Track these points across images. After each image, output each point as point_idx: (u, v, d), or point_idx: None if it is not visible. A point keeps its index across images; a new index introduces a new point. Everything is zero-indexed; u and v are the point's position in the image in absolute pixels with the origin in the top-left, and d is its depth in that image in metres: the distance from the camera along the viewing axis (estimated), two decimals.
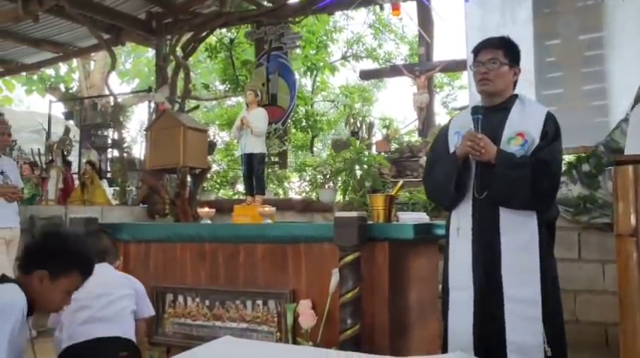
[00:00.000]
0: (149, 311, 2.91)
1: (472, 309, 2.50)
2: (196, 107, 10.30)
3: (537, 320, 2.37)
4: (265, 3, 8.37)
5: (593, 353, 4.25)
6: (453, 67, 8.35)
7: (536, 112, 2.53)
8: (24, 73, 11.93)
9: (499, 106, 2.59)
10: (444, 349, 2.59)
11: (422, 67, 7.94)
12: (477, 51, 2.62)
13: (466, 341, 2.48)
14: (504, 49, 2.57)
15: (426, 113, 7.85)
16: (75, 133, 9.66)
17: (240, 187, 9.86)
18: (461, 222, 2.58)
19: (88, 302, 2.53)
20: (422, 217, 3.52)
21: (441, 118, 12.12)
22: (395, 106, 30.47)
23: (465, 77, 6.95)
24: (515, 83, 2.65)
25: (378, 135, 8.47)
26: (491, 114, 2.58)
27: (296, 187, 10.52)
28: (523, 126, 2.48)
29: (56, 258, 1.99)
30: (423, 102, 7.81)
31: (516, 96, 2.63)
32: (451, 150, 2.64)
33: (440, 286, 2.85)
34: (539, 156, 2.42)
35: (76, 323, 2.52)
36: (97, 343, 2.45)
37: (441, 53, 18.68)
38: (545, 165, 2.40)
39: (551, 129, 2.47)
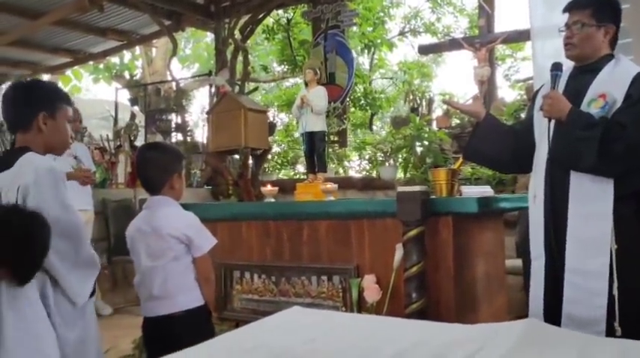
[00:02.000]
0: (201, 248, 2.51)
1: (543, 279, 2.44)
2: (255, 89, 10.43)
3: (600, 295, 2.24)
4: None
5: None
6: (516, 38, 8.10)
7: (625, 73, 2.35)
8: (91, 62, 12.35)
9: (589, 67, 2.45)
10: None
11: (482, 40, 7.75)
12: (566, 12, 2.48)
13: (539, 311, 2.44)
14: (592, 7, 2.41)
15: (487, 87, 7.67)
16: (140, 119, 9.96)
17: (301, 167, 9.97)
18: (536, 189, 2.50)
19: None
20: (486, 191, 3.47)
21: (503, 92, 11.84)
22: (454, 81, 29.86)
23: (529, 48, 6.71)
24: (612, 42, 2.47)
25: (438, 111, 8.37)
26: (580, 74, 2.46)
27: (356, 166, 10.54)
28: (607, 88, 2.33)
29: (46, 96, 2.09)
30: (484, 76, 7.63)
31: (612, 56, 2.46)
32: (535, 114, 2.57)
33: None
34: (616, 118, 2.27)
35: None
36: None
37: (503, 24, 18.12)
38: (621, 128, 2.23)
39: (636, 91, 2.27)
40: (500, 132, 2.72)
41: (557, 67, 2.42)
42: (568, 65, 2.54)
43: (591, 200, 2.30)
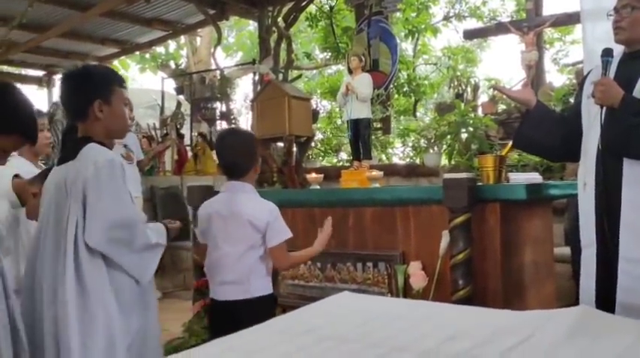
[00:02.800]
0: (277, 239, 2.51)
1: (594, 268, 2.40)
2: (299, 76, 10.45)
3: None
4: None
5: None
6: (565, 21, 7.88)
7: None
8: (137, 53, 12.60)
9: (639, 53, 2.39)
10: None
11: (530, 23, 7.56)
12: None
13: (589, 293, 2.40)
14: None
15: (535, 71, 7.50)
16: (186, 107, 10.12)
17: (344, 155, 9.97)
18: (587, 176, 2.46)
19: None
20: (534, 177, 3.41)
21: (551, 76, 11.55)
22: (500, 66, 29.23)
23: (578, 31, 6.53)
24: None
25: (483, 97, 8.23)
26: (630, 60, 2.39)
27: (399, 153, 10.49)
28: None
29: (99, 83, 2.10)
30: (531, 60, 7.46)
31: None
32: (583, 100, 2.52)
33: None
34: None
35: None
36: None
37: (551, 6, 17.62)
38: None
39: None
40: (550, 120, 2.67)
41: (607, 53, 2.37)
42: (618, 50, 2.47)
43: None
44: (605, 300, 2.33)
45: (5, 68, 10.95)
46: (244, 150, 2.55)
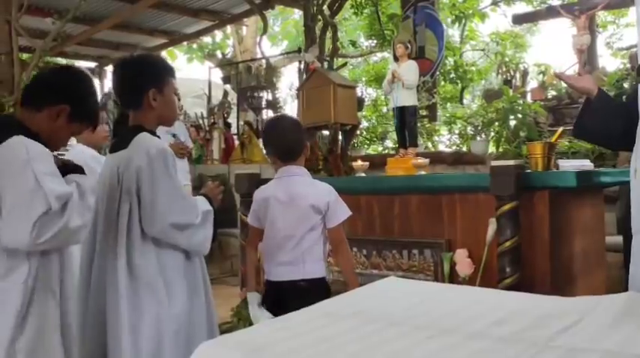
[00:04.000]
0: (337, 219, 2.54)
1: None
2: (344, 64, 10.45)
3: None
4: None
5: None
6: (619, 3, 7.62)
7: None
8: (185, 43, 12.81)
9: None
10: None
11: (582, 6, 7.33)
12: None
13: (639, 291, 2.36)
14: None
15: (587, 56, 7.29)
16: (232, 96, 10.25)
17: (389, 143, 9.93)
18: (638, 162, 2.41)
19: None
20: (585, 164, 3.35)
21: (604, 60, 11.20)
22: (550, 52, 28.45)
23: (633, 13, 6.31)
24: None
25: (532, 83, 8.05)
26: None
27: (445, 140, 10.37)
28: None
29: (153, 72, 2.18)
30: (583, 44, 7.24)
31: None
32: None
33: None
34: None
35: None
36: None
37: None
38: None
39: None
40: (611, 109, 2.58)
41: None
42: None
43: None
44: None
45: (59, 60, 11.30)
46: (295, 133, 2.59)
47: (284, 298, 2.47)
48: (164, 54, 13.59)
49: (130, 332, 1.94)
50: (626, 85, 6.28)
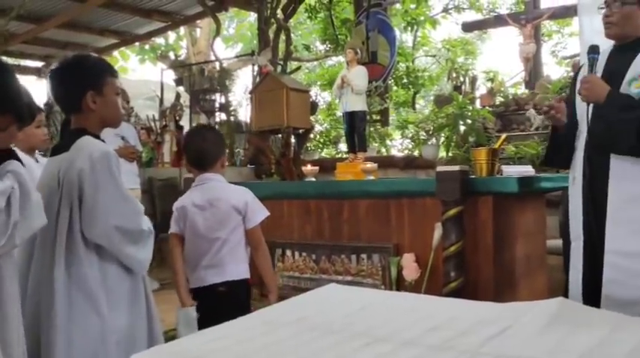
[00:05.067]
0: (255, 219, 2.62)
1: (582, 261, 2.44)
2: (298, 68, 10.45)
3: None
4: None
5: None
6: (563, 13, 7.89)
7: None
8: (137, 44, 12.58)
9: (628, 46, 2.40)
10: None
11: (528, 15, 7.57)
12: None
13: (578, 295, 2.44)
14: None
15: (532, 64, 7.51)
16: (185, 99, 10.11)
17: (343, 146, 9.97)
18: (575, 171, 2.50)
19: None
20: (527, 170, 3.44)
21: (549, 68, 11.54)
22: (500, 58, 29.15)
23: (577, 23, 6.54)
24: None
25: (481, 89, 8.23)
26: (619, 54, 2.42)
27: (398, 145, 10.49)
28: None
29: (90, 74, 2.08)
30: (529, 53, 7.48)
31: None
32: (576, 96, 2.54)
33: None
34: None
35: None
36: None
37: None
38: None
39: None
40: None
41: (594, 50, 2.40)
42: (609, 44, 2.49)
43: (632, 181, 2.28)
44: (593, 293, 2.36)
45: (4, 59, 10.92)
46: (209, 143, 2.66)
47: (210, 303, 2.52)
48: (115, 54, 13.33)
49: (65, 346, 1.88)
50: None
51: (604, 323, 1.15)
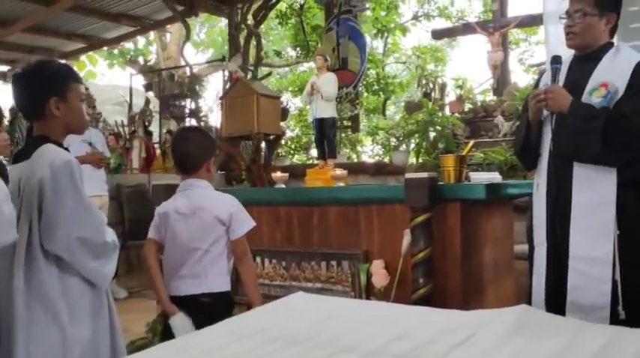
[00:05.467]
0: (241, 230, 2.54)
1: (545, 266, 2.48)
2: (269, 74, 10.44)
3: (604, 282, 2.28)
4: None
5: None
6: (529, 22, 8.03)
7: (626, 62, 2.35)
8: (105, 48, 12.42)
9: (589, 55, 2.45)
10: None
11: (496, 24, 7.68)
12: None
13: (539, 293, 2.48)
14: None
15: (500, 71, 7.63)
16: (155, 104, 10.02)
17: (314, 152, 9.99)
18: (540, 178, 2.54)
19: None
20: (494, 177, 3.48)
21: (516, 76, 11.74)
22: (469, 65, 29.57)
23: (542, 32, 6.67)
24: (613, 30, 2.47)
25: (451, 96, 8.32)
26: (580, 63, 2.46)
27: (369, 151, 10.54)
28: (609, 76, 2.34)
29: (54, 80, 2.04)
30: (497, 60, 7.59)
31: (612, 44, 2.47)
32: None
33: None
34: (618, 108, 2.28)
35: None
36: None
37: (516, 8, 17.88)
38: (623, 118, 2.25)
39: (638, 80, 2.29)
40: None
41: (556, 61, 2.44)
42: (570, 53, 2.54)
43: (595, 188, 2.33)
44: (557, 299, 2.40)
45: None
46: (195, 146, 2.57)
47: (188, 314, 2.44)
48: (83, 59, 13.14)
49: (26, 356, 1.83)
50: None
51: (566, 331, 1.17)
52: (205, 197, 2.52)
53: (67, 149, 2.07)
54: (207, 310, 2.41)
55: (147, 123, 9.02)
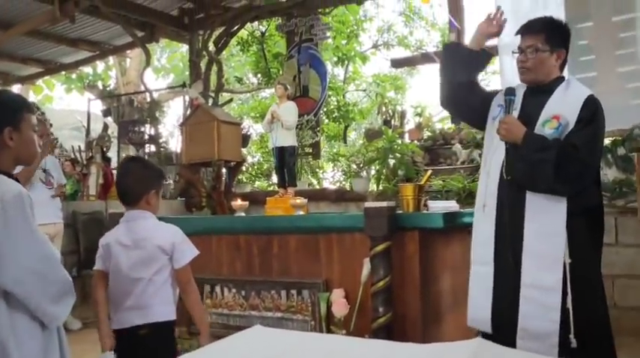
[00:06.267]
0: (184, 259, 2.52)
1: (492, 286, 2.52)
2: (230, 100, 10.42)
3: (554, 309, 2.33)
4: None
5: (636, 338, 4.19)
6: None
7: (576, 96, 2.46)
8: (63, 72, 12.23)
9: (542, 88, 2.54)
10: None
11: None
12: (519, 34, 2.56)
13: (484, 316, 2.53)
14: (546, 32, 2.50)
15: None
16: (113, 130, 9.87)
17: (275, 178, 9.98)
18: (487, 200, 2.59)
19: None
20: (451, 206, 3.53)
21: None
22: (429, 92, 30.15)
23: (498, 63, 6.86)
24: (562, 65, 2.58)
25: (410, 124, 8.44)
26: (533, 96, 2.55)
27: (330, 177, 10.60)
28: (560, 109, 2.44)
29: (8, 109, 1.99)
30: None
31: (563, 78, 2.57)
32: (488, 120, 2.69)
33: None
34: (569, 140, 2.38)
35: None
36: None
37: None
38: (574, 149, 2.35)
39: (587, 114, 2.40)
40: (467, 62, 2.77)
41: (510, 92, 2.53)
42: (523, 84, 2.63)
43: (546, 217, 2.40)
44: (504, 323, 2.45)
45: None
46: (137, 177, 2.57)
47: (131, 345, 2.43)
48: (40, 83, 12.90)
49: None
50: None
51: None
52: (147, 227, 2.52)
53: (16, 179, 2.02)
54: (152, 340, 2.42)
55: (105, 149, 8.86)
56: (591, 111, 2.42)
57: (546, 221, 2.39)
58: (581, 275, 2.36)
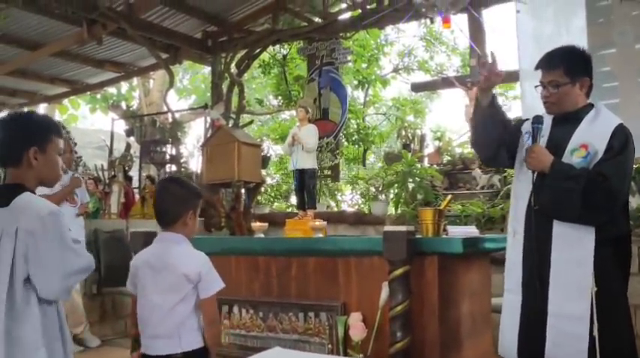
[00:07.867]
0: (210, 289, 2.47)
1: (519, 313, 2.51)
2: (251, 122, 10.53)
3: (582, 338, 2.31)
4: (317, 20, 8.51)
5: None
6: (506, 78, 8.17)
7: (605, 125, 2.45)
8: (88, 93, 12.46)
9: (570, 116, 2.54)
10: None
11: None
12: (539, 68, 2.56)
13: (511, 343, 2.51)
14: (564, 65, 2.49)
15: None
16: (135, 149, 10.01)
17: (294, 200, 10.00)
18: (517, 226, 2.59)
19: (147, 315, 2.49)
20: (471, 231, 3.53)
21: None
22: (449, 116, 30.13)
23: (519, 88, 6.87)
24: (589, 92, 2.56)
25: (430, 147, 8.44)
26: (561, 124, 2.55)
27: (348, 200, 10.58)
28: (589, 138, 2.43)
29: (36, 130, 2.08)
30: None
31: (592, 105, 2.56)
32: (519, 147, 2.66)
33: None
34: (597, 169, 2.37)
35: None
36: None
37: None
38: (603, 178, 2.33)
39: (617, 143, 2.39)
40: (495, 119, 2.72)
41: (538, 121, 2.53)
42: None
43: (574, 246, 2.39)
44: (531, 352, 2.43)
45: None
46: (176, 197, 2.53)
47: None
48: (66, 102, 13.14)
49: None
50: None
51: None
52: (176, 253, 2.47)
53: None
54: None
55: (127, 168, 8.99)
56: (621, 140, 2.40)
57: (574, 250, 2.38)
58: (607, 303, 2.34)
